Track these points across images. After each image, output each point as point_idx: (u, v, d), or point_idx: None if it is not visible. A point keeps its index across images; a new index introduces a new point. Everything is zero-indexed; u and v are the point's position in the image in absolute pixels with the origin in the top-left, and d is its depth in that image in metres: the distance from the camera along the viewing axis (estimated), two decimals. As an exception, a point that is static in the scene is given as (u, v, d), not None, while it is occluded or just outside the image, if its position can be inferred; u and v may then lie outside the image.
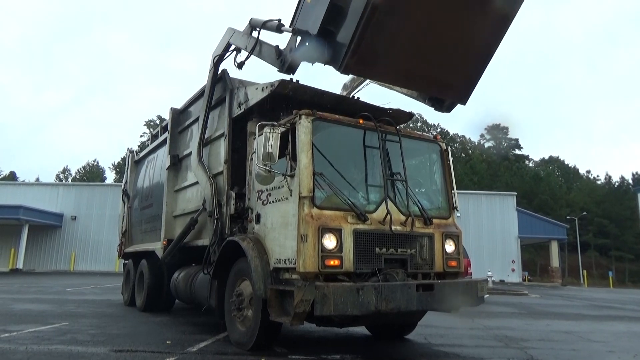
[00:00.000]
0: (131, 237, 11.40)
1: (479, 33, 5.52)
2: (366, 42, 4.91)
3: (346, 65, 5.11)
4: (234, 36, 6.96)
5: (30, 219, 30.47)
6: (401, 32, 5.13)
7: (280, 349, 5.76)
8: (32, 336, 6.39)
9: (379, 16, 4.77)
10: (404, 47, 5.31)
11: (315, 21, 5.18)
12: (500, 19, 5.42)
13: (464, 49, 5.57)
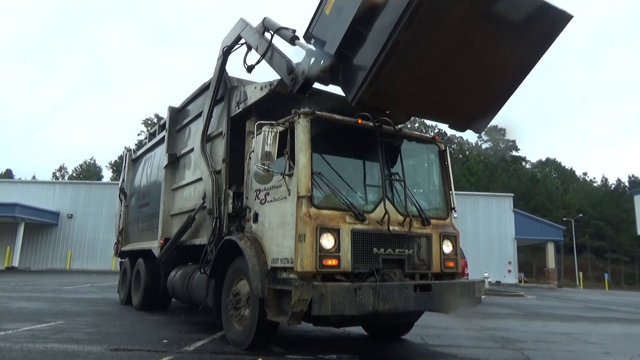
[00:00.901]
0: (128, 235, 11.37)
1: (504, 68, 5.32)
2: (384, 76, 4.70)
3: (360, 98, 4.95)
4: (245, 30, 6.70)
5: (27, 217, 30.38)
6: (422, 65, 4.91)
7: (277, 349, 5.75)
8: (28, 334, 6.36)
9: (400, 51, 4.54)
10: (422, 80, 5.11)
11: (333, 42, 5.02)
12: (526, 58, 5.24)
13: (486, 83, 5.37)
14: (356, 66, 4.96)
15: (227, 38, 7.17)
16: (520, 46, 5.07)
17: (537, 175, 72.67)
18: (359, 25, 4.77)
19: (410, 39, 4.48)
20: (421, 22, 4.40)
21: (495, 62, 5.18)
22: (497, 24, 4.75)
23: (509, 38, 4.95)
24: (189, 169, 8.30)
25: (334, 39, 5.03)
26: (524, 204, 54.59)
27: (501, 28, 4.82)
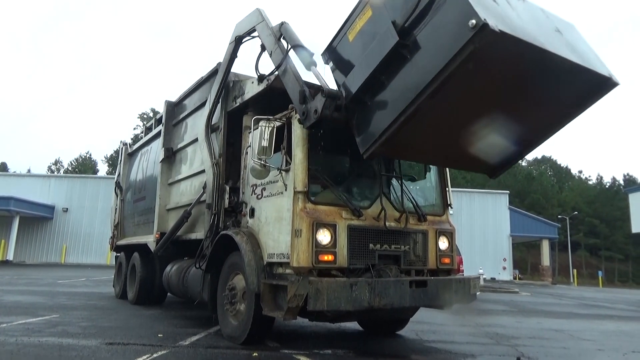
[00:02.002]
0: (123, 229, 11.35)
1: (532, 127, 5.06)
2: (400, 135, 4.39)
3: (372, 153, 4.61)
4: (260, 26, 6.16)
5: (21, 210, 30.26)
6: (444, 124, 4.62)
7: (272, 344, 5.76)
8: (23, 328, 6.34)
9: (422, 115, 4.22)
10: (444, 137, 4.87)
11: (351, 83, 4.63)
12: (557, 118, 4.96)
13: (511, 140, 5.14)
14: (372, 118, 4.58)
15: (241, 26, 6.64)
16: (553, 108, 4.80)
17: (533, 172, 72.96)
18: (382, 74, 4.37)
19: (434, 105, 4.12)
20: (449, 92, 4.00)
21: (523, 122, 4.93)
22: (531, 91, 4.46)
23: (541, 103, 4.69)
24: (185, 164, 8.28)
25: (353, 81, 4.63)
26: (519, 201, 54.84)
27: (534, 94, 4.52)
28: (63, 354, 4.94)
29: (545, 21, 4.45)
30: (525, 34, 3.81)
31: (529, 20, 4.17)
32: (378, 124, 4.47)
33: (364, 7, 4.69)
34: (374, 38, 4.45)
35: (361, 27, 4.71)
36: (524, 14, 4.18)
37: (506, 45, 3.65)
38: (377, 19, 4.50)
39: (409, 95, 4.10)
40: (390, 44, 4.16)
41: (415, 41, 4.08)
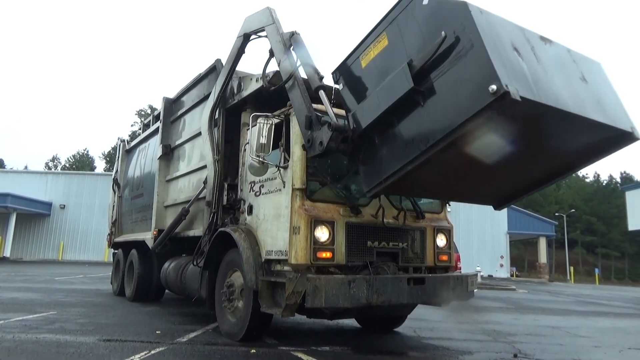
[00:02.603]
0: (121, 226, 11.33)
1: (535, 174, 4.96)
2: (406, 179, 4.27)
3: (376, 193, 4.58)
4: (270, 28, 5.89)
5: (18, 207, 30.20)
6: (449, 169, 4.47)
7: (270, 340, 5.77)
8: (20, 325, 6.33)
9: (430, 164, 4.06)
10: (448, 177, 4.79)
11: (361, 118, 4.46)
12: (571, 164, 4.84)
13: (520, 180, 5.06)
14: (379, 158, 4.42)
15: (250, 22, 6.36)
16: (567, 157, 4.68)
17: (530, 170, 72.99)
18: (393, 115, 4.18)
19: (445, 156, 3.95)
20: (462, 145, 3.85)
21: (534, 169, 4.83)
22: (547, 143, 4.33)
23: (556, 153, 4.57)
24: (184, 160, 8.27)
25: (363, 116, 4.45)
26: (516, 198, 54.77)
27: (550, 145, 4.39)
28: (60, 350, 4.94)
29: (571, 68, 4.28)
30: (548, 95, 3.65)
31: (554, 69, 4.00)
32: (384, 167, 4.32)
33: (379, 35, 4.47)
34: (388, 71, 4.26)
35: (375, 55, 4.50)
36: (549, 62, 4.00)
37: (527, 107, 3.48)
38: (393, 51, 4.31)
39: (419, 146, 3.95)
40: (404, 88, 3.96)
41: (431, 88, 3.87)
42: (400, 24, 4.27)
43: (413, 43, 4.09)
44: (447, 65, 3.74)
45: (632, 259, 63.80)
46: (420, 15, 4.06)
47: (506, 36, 3.76)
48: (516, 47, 3.74)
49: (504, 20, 3.99)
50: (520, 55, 3.71)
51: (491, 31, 3.61)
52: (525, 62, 3.70)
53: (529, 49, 3.90)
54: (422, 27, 4.02)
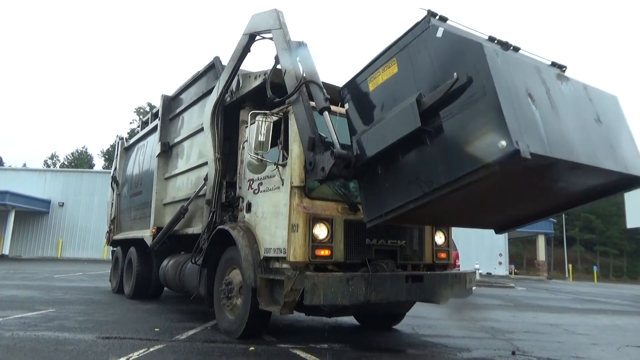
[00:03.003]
0: (120, 224, 11.33)
1: (540, 207, 4.94)
2: (408, 213, 4.22)
3: (377, 225, 4.54)
4: (276, 33, 5.67)
5: (17, 204, 30.14)
6: (452, 205, 4.43)
7: (269, 338, 5.78)
8: (19, 322, 6.33)
9: (432, 204, 4.03)
10: (450, 211, 4.77)
11: (366, 148, 4.36)
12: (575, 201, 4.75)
13: (523, 213, 5.05)
14: (381, 191, 4.34)
15: (257, 21, 6.13)
16: (575, 196, 4.59)
17: (529, 168, 73.04)
18: (398, 149, 4.09)
19: (448, 198, 3.88)
20: (466, 190, 3.76)
21: (539, 205, 4.80)
22: (556, 186, 4.28)
23: (564, 195, 4.55)
24: (182, 158, 8.26)
25: (367, 145, 4.36)
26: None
27: (558, 188, 4.34)
28: (59, 348, 4.94)
29: (586, 108, 4.18)
30: (559, 146, 3.57)
31: (569, 112, 3.90)
32: (386, 201, 4.26)
33: (389, 60, 4.36)
34: (395, 100, 4.18)
35: (384, 81, 4.39)
36: (564, 104, 3.89)
37: (537, 160, 3.37)
38: (402, 80, 4.20)
39: (423, 188, 3.89)
40: (411, 126, 3.87)
41: (438, 129, 3.76)
42: (412, 52, 4.14)
43: (423, 75, 3.98)
44: (457, 107, 3.63)
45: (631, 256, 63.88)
46: (432, 47, 3.93)
47: (521, 81, 3.61)
48: (531, 92, 3.61)
49: (521, 61, 3.86)
50: (534, 101, 3.59)
51: (506, 77, 3.47)
52: (539, 110, 3.59)
53: (544, 93, 3.78)
54: (434, 59, 3.90)
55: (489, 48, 3.51)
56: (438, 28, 3.88)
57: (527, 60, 3.99)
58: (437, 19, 4.06)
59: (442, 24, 4.02)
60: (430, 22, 4.00)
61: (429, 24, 3.99)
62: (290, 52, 5.36)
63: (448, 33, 3.82)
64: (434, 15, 4.04)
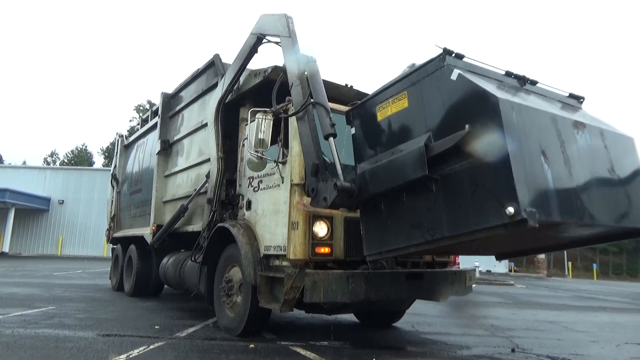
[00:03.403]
0: (120, 222, 11.34)
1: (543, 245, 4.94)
2: (408, 252, 4.16)
3: (370, 261, 4.57)
4: (285, 42, 5.50)
5: (17, 202, 30.11)
6: (452, 248, 4.54)
7: (269, 335, 5.78)
8: (19, 320, 6.34)
9: (433, 249, 4.09)
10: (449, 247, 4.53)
11: (371, 184, 4.26)
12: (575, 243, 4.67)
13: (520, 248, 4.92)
14: (382, 229, 4.25)
15: (266, 23, 5.95)
16: (581, 238, 4.47)
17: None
18: (402, 191, 4.00)
19: (451, 245, 3.83)
20: (469, 242, 3.72)
21: (544, 244, 4.77)
22: (561, 236, 4.23)
23: (569, 242, 4.55)
24: (182, 156, 8.26)
25: (371, 181, 4.24)
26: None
27: (562, 236, 4.28)
28: (59, 345, 4.95)
29: (601, 157, 4.04)
30: (570, 209, 3.48)
31: (582, 165, 3.79)
32: (387, 240, 4.17)
33: (400, 92, 4.21)
34: (403, 136, 4.08)
35: (393, 113, 4.26)
36: (578, 157, 3.78)
37: (546, 223, 3.29)
38: (411, 116, 4.06)
39: (425, 235, 3.80)
40: (417, 173, 3.76)
41: (445, 178, 3.64)
42: (424, 89, 4.00)
43: (434, 115, 3.84)
44: (466, 160, 3.50)
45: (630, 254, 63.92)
46: (446, 88, 3.76)
47: (536, 138, 3.49)
48: (545, 150, 3.49)
49: (537, 111, 3.67)
50: (547, 160, 3.47)
51: (520, 136, 3.34)
52: (552, 169, 3.47)
53: (558, 147, 3.65)
54: (446, 101, 3.75)
55: (505, 103, 3.35)
56: (453, 70, 3.70)
57: (544, 109, 3.80)
58: (452, 57, 3.88)
59: (457, 63, 3.85)
60: (446, 61, 3.82)
61: (444, 63, 3.82)
62: (298, 67, 5.17)
63: (463, 78, 3.62)
64: (449, 54, 3.87)
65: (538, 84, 4.43)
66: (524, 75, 4.28)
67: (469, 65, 3.93)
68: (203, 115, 7.49)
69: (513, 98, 3.61)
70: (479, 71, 3.97)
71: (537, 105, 3.83)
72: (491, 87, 3.59)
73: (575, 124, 3.97)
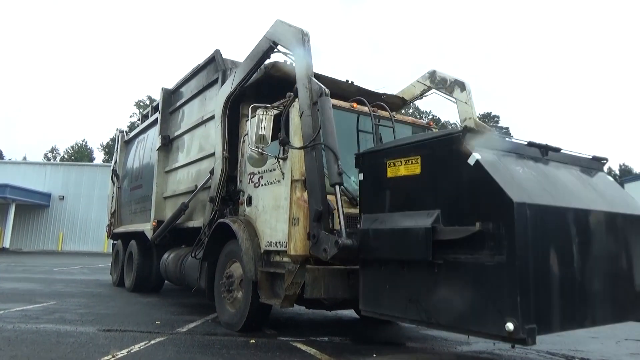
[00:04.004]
0: (120, 217, 11.35)
1: None
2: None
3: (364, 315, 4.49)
4: (300, 62, 5.22)
5: (17, 198, 30.14)
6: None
7: (269, 331, 5.80)
8: (20, 315, 6.36)
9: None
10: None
11: (374, 248, 4.18)
12: None
13: None
14: (379, 291, 4.16)
15: (281, 32, 5.63)
16: None
17: (530, 162, 72.98)
18: (404, 267, 3.90)
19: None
20: None
21: None
22: None
23: None
24: (182, 152, 8.26)
25: (375, 244, 4.15)
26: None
27: None
28: (60, 340, 4.96)
29: (615, 243, 3.94)
30: (576, 318, 3.46)
31: (596, 256, 3.71)
32: (383, 302, 4.11)
33: (414, 155, 4.04)
34: (411, 204, 3.97)
35: (404, 175, 4.10)
36: (592, 255, 3.68)
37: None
38: (422, 187, 3.93)
39: (421, 315, 3.73)
40: (421, 255, 3.66)
41: (449, 266, 3.54)
42: (438, 162, 3.84)
43: (446, 193, 3.72)
44: (473, 256, 3.38)
45: (630, 251, 63.91)
46: (462, 170, 3.58)
47: (549, 239, 3.38)
48: (556, 251, 3.38)
49: (553, 209, 3.50)
50: (557, 264, 3.35)
51: (532, 242, 3.22)
52: (560, 273, 3.36)
53: (572, 246, 3.53)
54: (460, 184, 3.61)
55: (520, 207, 3.19)
56: (472, 154, 3.51)
57: (561, 202, 3.63)
58: (473, 135, 3.71)
59: (478, 140, 3.69)
60: (465, 139, 3.63)
61: (463, 142, 3.63)
62: (309, 96, 4.93)
63: (481, 167, 3.43)
64: (470, 132, 3.72)
65: (562, 151, 4.33)
66: (546, 144, 4.15)
67: (489, 139, 3.80)
68: (204, 111, 7.48)
69: (531, 189, 3.48)
70: (498, 145, 3.84)
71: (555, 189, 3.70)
72: (508, 177, 3.45)
73: (593, 215, 3.81)
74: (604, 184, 4.43)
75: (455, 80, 6.62)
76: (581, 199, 3.90)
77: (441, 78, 6.80)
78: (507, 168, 3.61)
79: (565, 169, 4.23)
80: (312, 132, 4.79)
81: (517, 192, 3.28)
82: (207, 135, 7.31)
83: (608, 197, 4.18)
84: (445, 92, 6.70)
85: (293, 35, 5.39)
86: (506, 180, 3.37)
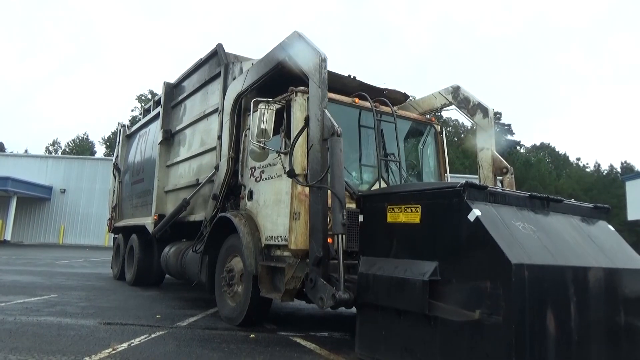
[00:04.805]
0: (122, 211, 11.37)
1: None
2: None
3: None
4: (313, 90, 4.91)
5: (19, 190, 30.18)
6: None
7: (269, 325, 5.81)
8: (21, 307, 6.38)
9: None
10: None
11: (371, 293, 4.13)
12: None
13: None
14: (375, 335, 4.10)
15: (296, 51, 5.28)
16: None
17: (531, 159, 73.00)
18: (402, 314, 3.85)
19: None
20: None
21: None
22: None
23: None
24: (184, 146, 8.25)
25: (372, 292, 4.09)
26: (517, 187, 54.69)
27: None
28: (61, 333, 4.98)
29: (615, 300, 3.86)
30: None
31: (594, 317, 3.65)
32: (379, 347, 4.05)
33: (414, 203, 3.97)
34: (410, 251, 3.93)
35: (403, 222, 4.05)
36: (590, 306, 3.63)
37: None
38: (421, 237, 3.88)
39: None
40: (417, 307, 3.62)
41: (444, 323, 3.48)
42: (438, 214, 3.79)
43: (445, 246, 3.65)
44: (468, 312, 3.35)
45: (631, 248, 63.95)
46: (461, 225, 3.53)
47: (548, 297, 3.33)
48: (554, 313, 3.32)
49: (552, 268, 3.45)
50: (554, 324, 3.30)
51: (529, 303, 3.18)
52: (557, 333, 3.32)
53: (571, 305, 3.48)
54: (459, 239, 3.56)
55: (518, 269, 3.14)
56: (472, 210, 3.46)
57: (560, 259, 3.57)
58: (473, 189, 3.63)
59: (478, 194, 3.64)
60: (465, 194, 3.56)
61: (464, 197, 3.56)
62: (321, 130, 4.73)
63: (480, 225, 3.39)
64: (471, 187, 3.63)
65: (565, 202, 4.32)
66: (547, 196, 4.14)
67: (491, 193, 3.75)
68: (205, 105, 7.47)
69: (530, 247, 3.44)
70: (500, 199, 3.80)
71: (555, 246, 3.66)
72: (507, 236, 3.41)
73: (593, 272, 3.75)
74: (605, 236, 4.38)
75: (479, 104, 6.31)
76: (580, 255, 3.84)
77: (464, 97, 6.44)
78: (507, 225, 3.55)
79: (566, 219, 4.18)
80: (319, 170, 4.62)
81: (516, 253, 3.25)
82: (208, 129, 7.30)
83: (608, 250, 4.13)
84: (466, 113, 6.41)
85: (309, 58, 5.04)
86: (505, 240, 3.33)
